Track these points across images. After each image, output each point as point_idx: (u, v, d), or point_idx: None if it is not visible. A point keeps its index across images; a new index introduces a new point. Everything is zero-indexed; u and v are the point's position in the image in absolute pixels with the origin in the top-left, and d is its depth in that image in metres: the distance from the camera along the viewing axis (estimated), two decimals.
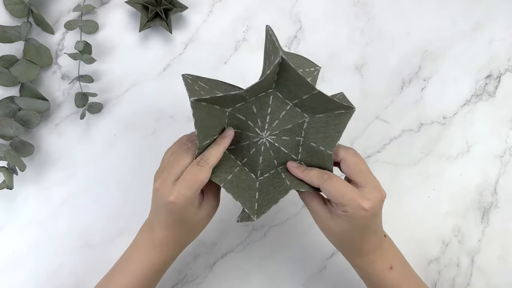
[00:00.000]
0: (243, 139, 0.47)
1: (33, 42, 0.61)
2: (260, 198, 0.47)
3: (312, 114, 0.46)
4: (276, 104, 0.46)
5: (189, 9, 0.64)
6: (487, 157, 0.67)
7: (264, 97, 0.45)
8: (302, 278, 0.62)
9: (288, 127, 0.47)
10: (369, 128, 0.66)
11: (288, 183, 0.47)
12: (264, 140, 0.47)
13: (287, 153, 0.48)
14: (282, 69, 0.42)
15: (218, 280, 0.62)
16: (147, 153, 0.63)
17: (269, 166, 0.48)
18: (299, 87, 0.43)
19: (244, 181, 0.47)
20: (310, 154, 0.47)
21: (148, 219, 0.49)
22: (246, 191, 0.46)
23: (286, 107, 0.46)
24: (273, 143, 0.47)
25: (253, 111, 0.46)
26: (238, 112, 0.46)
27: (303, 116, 0.47)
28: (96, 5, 0.65)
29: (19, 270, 0.60)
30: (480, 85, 0.69)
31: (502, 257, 0.65)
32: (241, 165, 0.48)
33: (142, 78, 0.65)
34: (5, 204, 0.61)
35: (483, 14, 0.70)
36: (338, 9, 0.68)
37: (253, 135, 0.47)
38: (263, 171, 0.48)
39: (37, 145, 0.62)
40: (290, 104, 0.46)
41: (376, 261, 0.48)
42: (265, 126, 0.47)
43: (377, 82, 0.67)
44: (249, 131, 0.47)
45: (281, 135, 0.47)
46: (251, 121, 0.46)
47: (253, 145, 0.47)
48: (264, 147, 0.47)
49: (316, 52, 0.67)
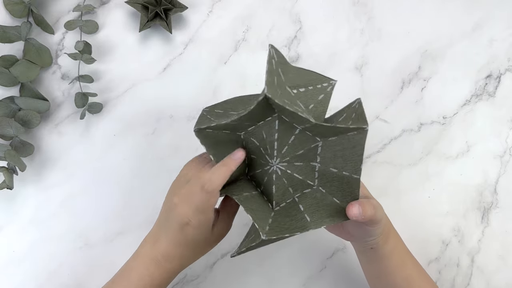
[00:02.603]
0: (257, 166, 0.45)
1: (33, 42, 0.61)
2: (274, 224, 0.43)
3: (325, 138, 0.43)
4: (284, 128, 0.42)
5: (189, 9, 0.64)
6: (487, 157, 0.67)
7: (271, 121, 0.42)
8: (302, 278, 0.62)
9: (299, 153, 0.43)
10: (369, 128, 0.66)
11: (308, 219, 0.43)
12: (274, 168, 0.44)
13: (302, 179, 0.44)
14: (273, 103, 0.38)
15: (218, 280, 0.62)
16: (147, 153, 0.63)
17: (284, 195, 0.45)
18: (297, 118, 0.40)
19: (261, 205, 0.44)
20: (330, 179, 0.44)
21: (154, 231, 0.48)
22: (260, 212, 0.43)
23: (295, 131, 0.42)
24: (285, 171, 0.44)
25: (263, 137, 0.43)
26: (252, 136, 0.43)
27: (315, 140, 0.43)
28: (96, 5, 0.65)
29: (19, 270, 0.60)
30: (480, 85, 0.69)
31: (502, 257, 0.65)
32: (260, 192, 0.45)
33: (142, 78, 0.65)
34: (5, 204, 0.61)
35: (483, 14, 0.70)
36: (338, 9, 0.68)
37: (264, 162, 0.44)
38: (278, 201, 0.44)
39: (37, 145, 0.62)
40: (299, 128, 0.42)
41: (396, 247, 0.49)
42: (274, 153, 0.43)
43: (377, 82, 0.67)
44: (261, 158, 0.44)
45: (293, 161, 0.44)
46: (262, 148, 0.43)
47: (265, 174, 0.44)
48: (276, 175, 0.44)
49: (316, 52, 0.67)
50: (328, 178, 0.44)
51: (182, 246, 0.46)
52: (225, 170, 0.42)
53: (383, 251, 0.48)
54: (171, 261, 0.46)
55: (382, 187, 0.64)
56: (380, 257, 0.49)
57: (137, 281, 0.46)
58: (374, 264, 0.51)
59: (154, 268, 0.46)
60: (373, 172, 0.65)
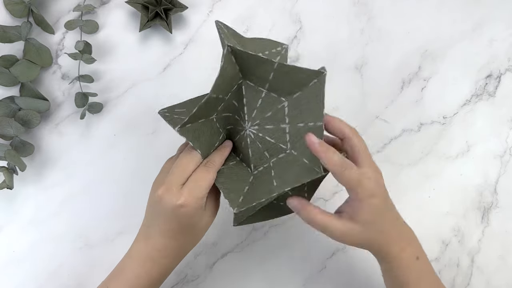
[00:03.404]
0: (235, 134, 0.47)
1: (33, 42, 0.61)
2: (248, 192, 0.45)
3: (289, 96, 0.45)
4: (251, 93, 0.45)
5: (189, 9, 0.64)
6: (487, 157, 0.67)
7: (237, 89, 0.45)
8: (302, 278, 0.62)
9: (268, 115, 0.45)
10: (369, 128, 0.66)
11: (275, 183, 0.44)
12: (247, 132, 0.46)
13: (274, 142, 0.46)
14: (236, 57, 0.42)
15: (218, 280, 0.62)
16: (147, 153, 0.63)
17: (261, 159, 0.46)
18: (260, 68, 0.42)
19: (237, 174, 0.46)
20: (300, 138, 0.45)
21: (142, 230, 0.48)
22: (236, 183, 0.45)
23: (261, 94, 0.45)
24: (257, 134, 0.46)
25: (235, 105, 0.46)
26: (224, 111, 0.45)
27: (280, 100, 0.45)
28: (96, 5, 0.65)
29: (19, 270, 0.60)
30: (480, 85, 0.69)
31: (502, 257, 0.65)
32: (239, 160, 0.48)
33: (142, 78, 0.65)
34: (5, 204, 0.61)
35: (483, 14, 0.70)
36: (338, 9, 0.68)
37: (240, 128, 0.47)
38: (256, 165, 0.47)
39: (37, 145, 0.62)
40: (264, 90, 0.45)
41: (406, 249, 0.47)
42: (245, 117, 0.46)
43: (377, 82, 0.67)
44: (237, 125, 0.47)
45: (263, 124, 0.45)
46: (237, 115, 0.46)
47: (242, 139, 0.47)
48: (250, 139, 0.46)
49: (316, 52, 0.67)
50: (298, 137, 0.45)
51: (176, 233, 0.45)
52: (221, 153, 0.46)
53: (400, 260, 0.47)
54: (167, 255, 0.46)
55: None
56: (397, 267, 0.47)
57: (135, 280, 0.46)
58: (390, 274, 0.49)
59: (151, 265, 0.46)
60: None
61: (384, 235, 0.46)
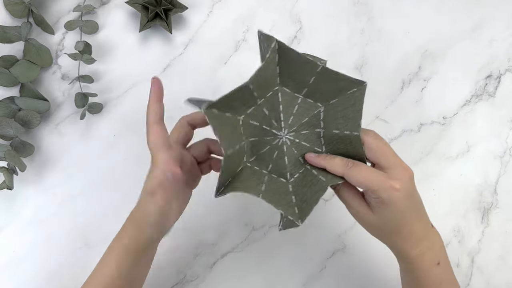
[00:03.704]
0: (262, 146, 0.46)
1: (33, 42, 0.61)
2: (298, 201, 0.44)
3: (326, 102, 0.45)
4: (286, 99, 0.45)
5: (189, 9, 0.64)
6: (487, 157, 0.67)
7: (272, 96, 0.44)
8: (302, 278, 0.62)
9: (305, 121, 0.46)
10: (369, 128, 0.66)
11: (324, 179, 0.44)
12: (284, 139, 0.46)
13: (310, 146, 0.46)
14: (281, 54, 0.41)
15: (218, 280, 0.62)
16: (147, 153, 0.63)
17: (296, 166, 0.46)
18: (302, 70, 0.42)
19: (278, 188, 0.45)
20: (336, 143, 0.45)
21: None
22: (283, 198, 0.44)
23: (298, 100, 0.45)
24: (294, 140, 0.46)
25: (265, 114, 0.45)
26: (252, 118, 0.44)
27: (316, 106, 0.45)
28: (96, 5, 0.65)
29: (19, 270, 0.60)
30: (480, 85, 0.69)
31: (502, 257, 0.65)
32: (268, 173, 0.46)
33: (142, 78, 0.65)
34: (5, 204, 0.61)
35: (483, 14, 0.70)
36: (338, 9, 0.68)
37: (272, 137, 0.46)
38: (292, 172, 0.46)
39: (37, 145, 0.62)
40: (300, 96, 0.45)
41: (425, 254, 0.45)
42: (282, 125, 0.45)
43: (377, 82, 0.67)
44: (266, 135, 0.45)
45: (300, 130, 0.46)
46: (266, 125, 0.45)
47: (275, 148, 0.46)
48: (286, 147, 0.46)
49: (316, 52, 0.67)
50: (334, 142, 0.45)
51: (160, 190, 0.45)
52: None
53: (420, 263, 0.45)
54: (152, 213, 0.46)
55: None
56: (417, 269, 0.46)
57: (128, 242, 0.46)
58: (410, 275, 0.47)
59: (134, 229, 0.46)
60: None
61: (399, 236, 0.45)
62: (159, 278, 0.55)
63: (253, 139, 0.45)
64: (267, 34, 0.42)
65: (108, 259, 0.47)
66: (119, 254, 0.46)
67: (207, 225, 0.62)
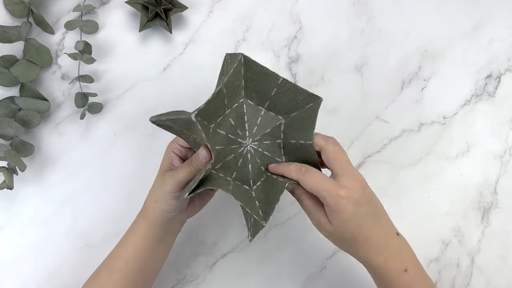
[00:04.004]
0: (227, 154, 0.48)
1: (33, 42, 0.61)
2: (261, 204, 0.46)
3: (287, 115, 0.48)
4: (251, 111, 0.48)
5: (189, 9, 0.64)
6: (487, 157, 0.67)
7: (238, 107, 0.48)
8: (302, 278, 0.62)
9: (267, 132, 0.49)
10: (369, 128, 0.66)
11: (282, 179, 0.46)
12: (248, 147, 0.49)
13: (271, 156, 0.49)
14: (246, 68, 0.45)
15: (218, 280, 0.62)
16: (147, 153, 0.63)
17: (258, 174, 0.49)
18: (265, 82, 0.46)
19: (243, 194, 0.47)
20: (294, 152, 0.48)
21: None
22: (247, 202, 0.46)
23: (260, 113, 0.49)
24: (257, 149, 0.49)
25: (231, 124, 0.48)
26: (219, 127, 0.47)
27: (278, 119, 0.49)
28: (96, 5, 0.65)
29: (19, 270, 0.60)
30: (480, 85, 0.69)
31: (502, 257, 0.65)
32: (232, 180, 0.48)
33: (142, 78, 0.65)
34: (5, 204, 0.61)
35: (483, 14, 0.70)
36: (338, 9, 0.68)
37: (237, 146, 0.48)
38: (255, 180, 0.49)
39: (37, 145, 0.62)
40: (263, 109, 0.48)
41: (389, 261, 0.45)
42: (246, 134, 0.49)
43: (377, 82, 0.67)
44: (232, 144, 0.48)
45: (263, 139, 0.49)
46: (232, 134, 0.48)
47: (239, 156, 0.48)
48: (250, 155, 0.49)
49: (316, 52, 0.67)
50: (292, 151, 0.49)
51: None
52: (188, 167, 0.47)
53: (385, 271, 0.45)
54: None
55: (382, 187, 0.64)
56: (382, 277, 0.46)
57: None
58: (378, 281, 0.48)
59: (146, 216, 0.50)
60: (373, 172, 0.65)
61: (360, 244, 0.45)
62: (159, 278, 0.55)
63: (219, 147, 0.47)
64: (233, 53, 0.45)
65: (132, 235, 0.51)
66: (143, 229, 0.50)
67: (207, 225, 0.62)
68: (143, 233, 0.50)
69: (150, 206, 0.50)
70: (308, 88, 0.46)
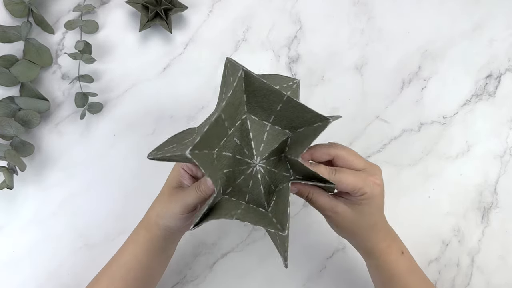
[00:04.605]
0: (237, 176, 0.45)
1: (33, 42, 0.61)
2: (277, 218, 0.43)
3: (294, 130, 0.45)
4: (255, 127, 0.45)
5: (189, 9, 0.64)
6: (487, 157, 0.67)
7: (241, 124, 0.44)
8: (302, 278, 0.62)
9: (275, 147, 0.45)
10: (369, 128, 0.66)
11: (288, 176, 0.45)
12: (257, 167, 0.45)
13: (278, 172, 0.45)
14: (247, 83, 0.41)
15: (218, 280, 0.62)
16: (147, 153, 0.63)
17: (269, 194, 0.45)
18: (269, 98, 0.42)
19: (257, 214, 0.44)
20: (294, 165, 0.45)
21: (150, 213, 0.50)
22: (261, 220, 0.43)
23: (266, 128, 0.45)
24: (266, 167, 0.45)
25: (236, 143, 0.45)
26: (224, 149, 0.44)
27: (285, 133, 0.45)
28: (96, 5, 0.65)
29: (19, 270, 0.60)
30: (480, 85, 0.69)
31: (502, 257, 0.65)
32: (246, 203, 0.45)
33: (142, 78, 0.65)
34: (5, 204, 0.61)
35: (483, 14, 0.70)
36: (338, 9, 0.68)
37: (245, 167, 0.45)
38: (269, 201, 0.45)
39: (37, 145, 0.62)
40: (268, 124, 0.45)
41: (391, 245, 0.49)
42: (254, 152, 0.45)
43: (377, 82, 0.67)
44: (240, 165, 0.45)
45: (270, 156, 0.45)
46: (239, 154, 0.45)
47: (249, 178, 0.45)
48: (260, 175, 0.45)
49: (316, 52, 0.67)
50: (292, 164, 0.45)
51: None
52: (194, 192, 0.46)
53: (388, 255, 0.48)
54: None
55: None
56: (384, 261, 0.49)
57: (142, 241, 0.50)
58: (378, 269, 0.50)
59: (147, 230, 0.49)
60: None
61: (374, 231, 0.48)
62: None
63: (228, 170, 0.45)
64: (234, 63, 0.41)
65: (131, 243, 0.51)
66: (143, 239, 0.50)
67: (207, 225, 0.62)
68: (145, 245, 0.49)
69: (153, 220, 0.49)
70: (308, 88, 0.46)
